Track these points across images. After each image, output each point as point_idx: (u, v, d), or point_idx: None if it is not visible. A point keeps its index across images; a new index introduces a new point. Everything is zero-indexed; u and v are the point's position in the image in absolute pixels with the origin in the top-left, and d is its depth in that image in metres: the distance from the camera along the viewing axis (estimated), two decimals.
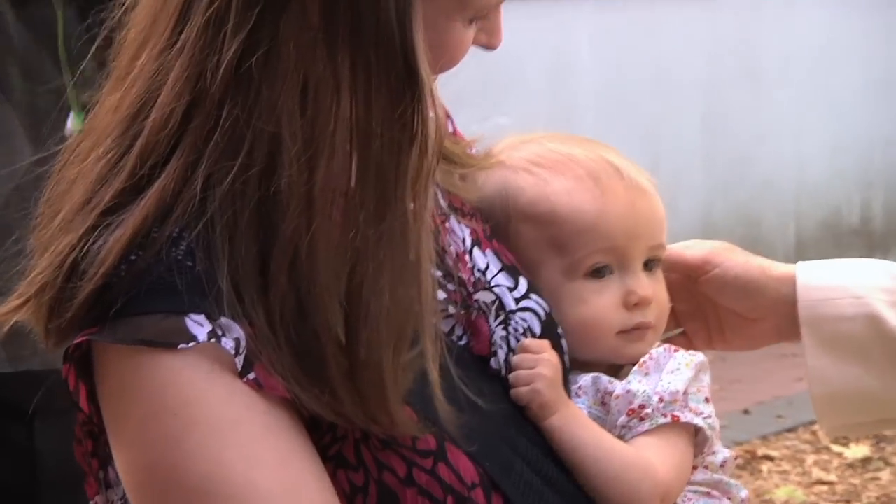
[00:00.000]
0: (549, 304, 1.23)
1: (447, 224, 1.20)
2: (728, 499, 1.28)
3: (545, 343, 1.19)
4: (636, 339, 1.26)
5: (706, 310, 1.37)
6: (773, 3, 6.27)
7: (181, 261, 1.00)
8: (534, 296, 1.22)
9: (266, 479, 1.00)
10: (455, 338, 1.16)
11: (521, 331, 1.19)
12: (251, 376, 1.00)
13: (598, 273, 1.26)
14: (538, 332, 1.20)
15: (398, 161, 1.02)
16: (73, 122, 1.98)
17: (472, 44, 1.13)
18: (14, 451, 2.05)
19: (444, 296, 1.15)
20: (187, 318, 0.99)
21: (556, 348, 1.20)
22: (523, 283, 1.22)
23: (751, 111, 6.19)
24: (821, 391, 1.36)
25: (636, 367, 1.25)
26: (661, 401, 1.21)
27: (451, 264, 1.18)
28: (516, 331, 1.19)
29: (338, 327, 1.01)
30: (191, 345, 0.99)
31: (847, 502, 4.32)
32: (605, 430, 1.20)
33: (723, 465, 1.29)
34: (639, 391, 1.22)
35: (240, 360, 1.00)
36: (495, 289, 1.20)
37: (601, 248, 1.25)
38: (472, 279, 1.19)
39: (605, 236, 1.25)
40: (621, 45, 5.79)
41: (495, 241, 1.24)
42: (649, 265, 1.28)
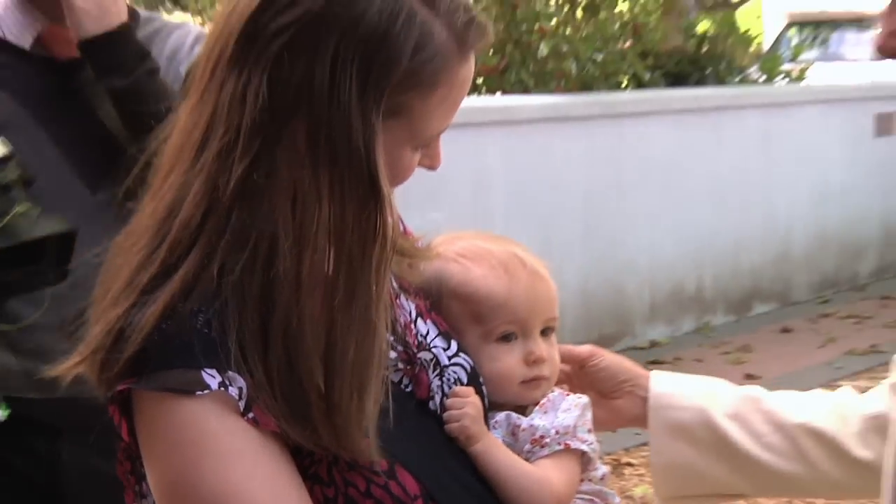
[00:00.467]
0: (472, 360, 1.22)
1: (398, 300, 1.20)
2: (605, 503, 1.27)
3: (470, 389, 1.18)
4: (534, 387, 1.25)
5: (586, 389, 1.36)
6: (632, 127, 6.36)
7: (199, 329, 1.00)
8: (462, 354, 1.21)
9: (260, 492, 0.99)
10: (403, 386, 1.15)
11: (452, 381, 1.18)
12: (250, 415, 0.99)
13: (507, 338, 1.25)
14: (465, 381, 1.19)
15: (364, 253, 1.02)
16: None
17: (418, 165, 1.13)
18: (42, 463, 1.99)
19: (395, 354, 1.15)
20: (203, 372, 0.99)
21: (479, 393, 1.19)
22: (454, 345, 1.21)
23: (617, 209, 6.25)
24: (658, 461, 1.37)
25: (538, 407, 1.24)
26: (557, 433, 1.21)
27: (400, 331, 1.17)
28: (449, 381, 1.18)
29: (318, 379, 1.00)
30: (205, 392, 0.98)
31: None
32: (515, 454, 1.18)
33: (602, 478, 1.28)
34: (540, 425, 1.21)
35: (242, 404, 0.99)
36: (433, 349, 1.19)
37: (509, 320, 1.25)
38: (416, 342, 1.18)
39: (512, 311, 1.25)
40: (523, 161, 5.82)
41: (433, 313, 1.24)
42: (545, 332, 1.28)
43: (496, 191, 5.71)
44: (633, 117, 6.40)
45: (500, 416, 1.22)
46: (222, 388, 0.99)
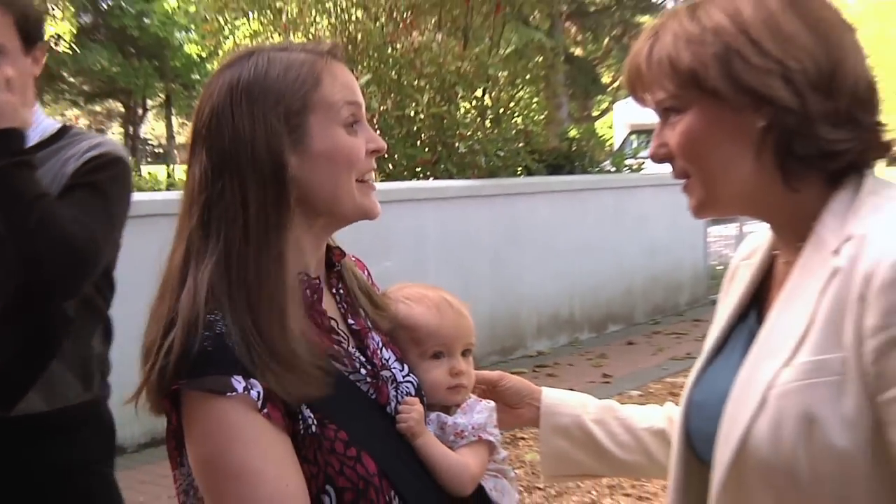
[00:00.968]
0: (417, 377, 1.20)
1: (371, 333, 1.17)
2: (506, 477, 1.24)
3: (416, 399, 1.15)
4: (456, 393, 1.23)
5: (497, 401, 1.34)
6: (523, 203, 6.40)
7: (223, 335, 0.99)
8: (411, 375, 1.19)
9: (270, 467, 0.97)
10: (370, 395, 1.12)
11: (404, 392, 1.15)
12: (265, 411, 0.97)
13: (437, 356, 1.23)
14: (413, 393, 1.17)
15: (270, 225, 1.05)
16: None
17: (370, 152, 1.11)
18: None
19: (365, 372, 1.12)
20: (232, 378, 0.97)
21: (421, 401, 1.16)
22: (406, 368, 1.19)
23: (514, 261, 6.30)
24: (545, 450, 1.36)
25: (459, 409, 1.22)
26: (473, 428, 1.18)
27: (371, 355, 1.14)
28: (402, 392, 1.15)
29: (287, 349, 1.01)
30: (234, 393, 0.96)
31: None
32: (443, 444, 1.16)
33: (503, 460, 1.25)
34: (460, 423, 1.19)
35: (260, 402, 0.97)
36: (392, 370, 1.16)
37: (439, 343, 1.23)
38: (381, 364, 1.15)
39: (441, 338, 1.23)
40: (448, 226, 5.84)
41: (392, 344, 1.21)
42: (465, 353, 1.25)
43: (430, 247, 5.69)
44: (524, 196, 6.46)
45: (432, 415, 1.19)
46: (245, 392, 0.97)
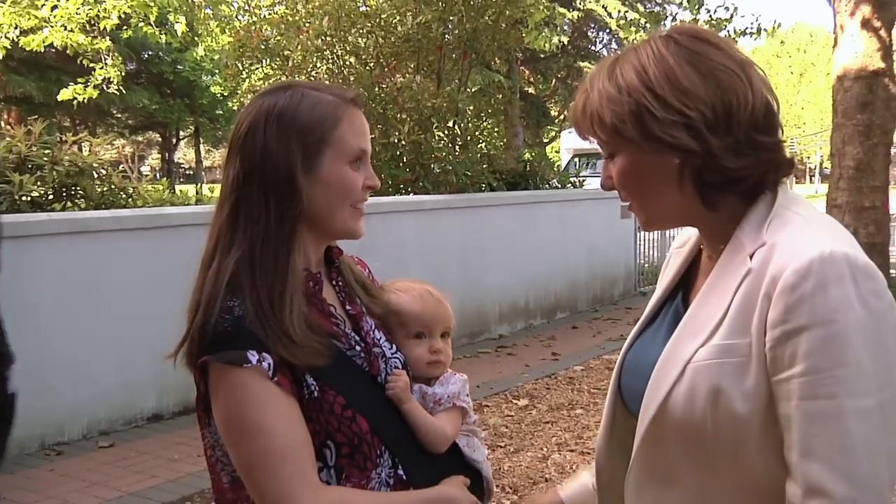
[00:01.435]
0: (403, 354, 1.18)
1: (365, 317, 1.15)
2: (476, 437, 1.23)
3: (403, 371, 1.14)
4: (434, 368, 1.21)
5: None
6: (487, 214, 6.36)
7: (241, 318, 0.99)
8: (399, 352, 1.17)
9: (280, 425, 0.96)
10: (364, 367, 1.10)
11: (392, 366, 1.14)
12: (276, 379, 0.97)
13: (419, 336, 1.21)
14: (401, 366, 1.15)
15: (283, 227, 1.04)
16: None
17: (366, 186, 1.09)
18: None
19: (360, 349, 1.10)
20: (248, 352, 0.96)
21: (407, 373, 1.15)
22: (394, 347, 1.17)
23: (480, 261, 6.22)
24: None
25: (437, 381, 1.20)
26: (449, 396, 1.17)
27: (364, 335, 1.12)
28: (391, 366, 1.13)
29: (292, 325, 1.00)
30: (249, 365, 0.96)
31: (517, 423, 4.25)
32: (425, 410, 1.14)
33: (474, 423, 1.24)
34: (438, 392, 1.17)
35: (271, 372, 0.96)
36: (383, 347, 1.14)
37: (421, 326, 1.21)
38: (373, 342, 1.13)
39: (423, 321, 1.21)
40: (426, 234, 5.80)
41: (383, 327, 1.19)
42: (443, 335, 1.24)
43: (410, 250, 5.66)
44: (488, 208, 6.44)
45: (415, 386, 1.18)
46: (259, 363, 0.97)
